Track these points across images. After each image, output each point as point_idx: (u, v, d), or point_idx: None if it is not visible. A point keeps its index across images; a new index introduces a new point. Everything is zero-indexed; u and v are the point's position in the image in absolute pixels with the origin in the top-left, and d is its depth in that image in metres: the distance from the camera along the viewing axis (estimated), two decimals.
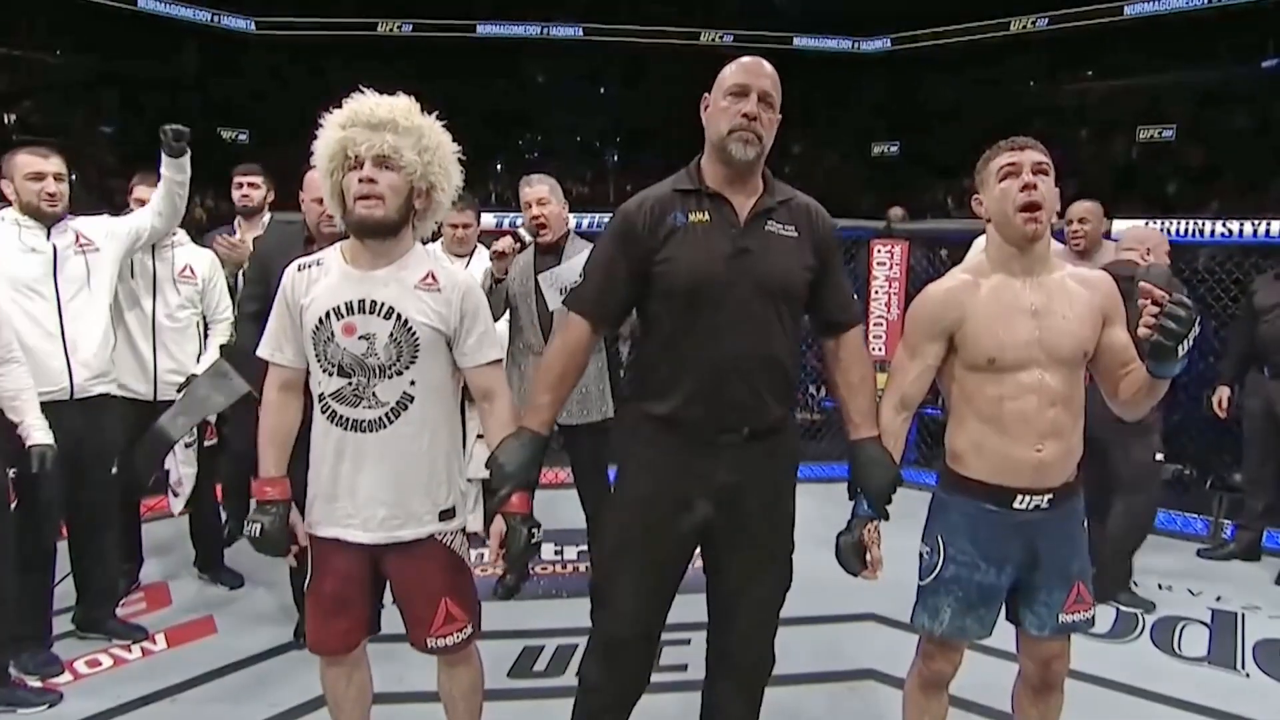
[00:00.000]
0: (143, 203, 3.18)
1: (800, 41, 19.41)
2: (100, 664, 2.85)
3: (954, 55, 19.05)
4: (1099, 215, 3.74)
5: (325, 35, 15.43)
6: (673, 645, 2.69)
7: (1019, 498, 1.81)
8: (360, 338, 1.77)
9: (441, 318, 1.81)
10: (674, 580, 1.93)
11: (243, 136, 13.00)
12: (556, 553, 3.84)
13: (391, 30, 16.35)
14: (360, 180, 1.73)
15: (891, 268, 5.05)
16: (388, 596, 1.96)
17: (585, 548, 3.64)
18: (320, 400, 1.81)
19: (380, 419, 1.79)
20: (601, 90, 18.88)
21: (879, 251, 5.08)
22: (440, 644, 1.89)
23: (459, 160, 1.86)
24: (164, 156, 2.88)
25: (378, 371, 1.78)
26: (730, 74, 1.84)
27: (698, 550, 1.96)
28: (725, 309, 1.79)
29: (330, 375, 1.79)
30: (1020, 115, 16.44)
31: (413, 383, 1.79)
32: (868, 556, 1.89)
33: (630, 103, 17.49)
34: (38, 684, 2.67)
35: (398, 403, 1.79)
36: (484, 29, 16.45)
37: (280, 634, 2.99)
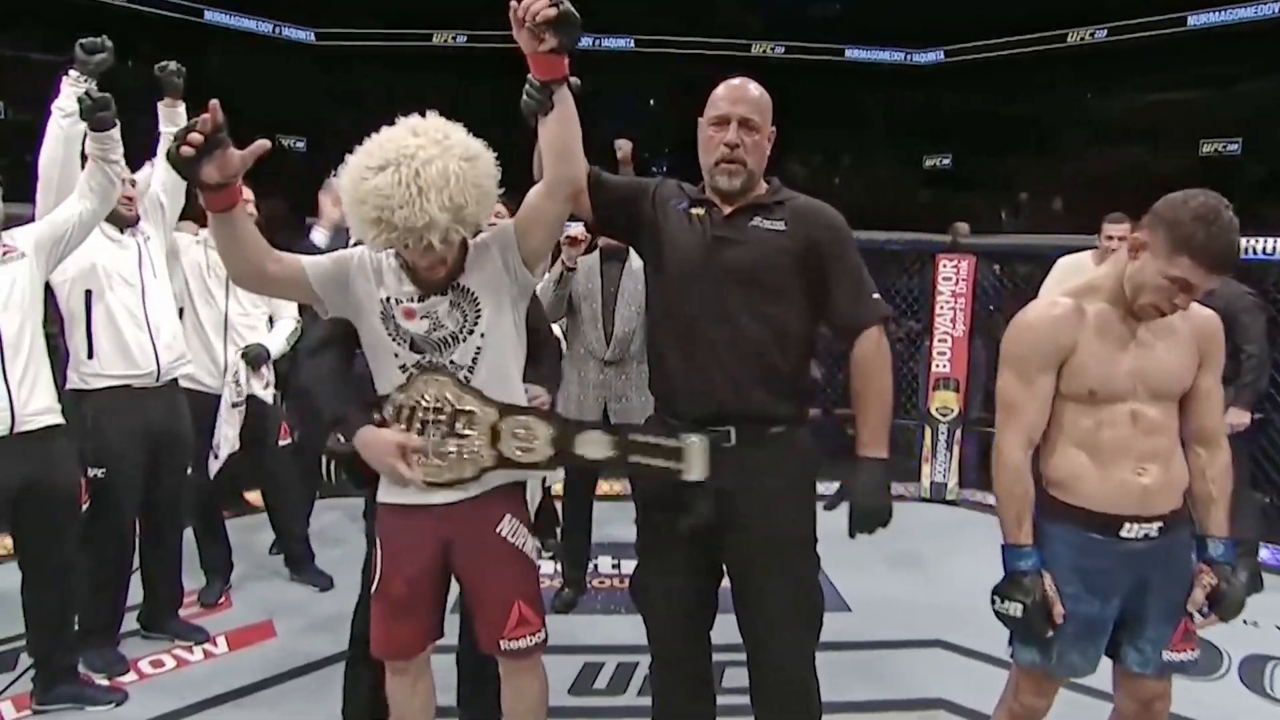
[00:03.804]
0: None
1: (852, 53, 19.22)
2: (164, 665, 2.87)
3: (1009, 67, 18.71)
4: (1132, 232, 3.67)
5: (381, 45, 15.68)
6: (737, 666, 2.60)
7: (1126, 525, 1.71)
8: (422, 318, 1.76)
9: (492, 266, 1.79)
10: (699, 588, 1.93)
11: (300, 144, 13.33)
12: (614, 566, 3.78)
13: (446, 40, 16.58)
14: (413, 259, 1.71)
15: (958, 283, 4.92)
16: None
17: None
18: (402, 369, 1.77)
19: (462, 380, 1.77)
20: (651, 101, 18.90)
21: (944, 266, 4.96)
22: (514, 646, 1.84)
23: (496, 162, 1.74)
24: (88, 130, 2.46)
25: (450, 341, 1.76)
26: (713, 102, 1.85)
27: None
28: (703, 299, 1.81)
29: (404, 347, 1.77)
30: (1077, 128, 16.06)
31: (483, 336, 1.77)
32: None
33: (679, 114, 17.47)
34: (105, 682, 2.70)
35: (473, 360, 1.77)
36: None
37: (340, 640, 2.96)
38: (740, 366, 1.80)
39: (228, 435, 3.23)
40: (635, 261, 3.14)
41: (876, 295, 1.89)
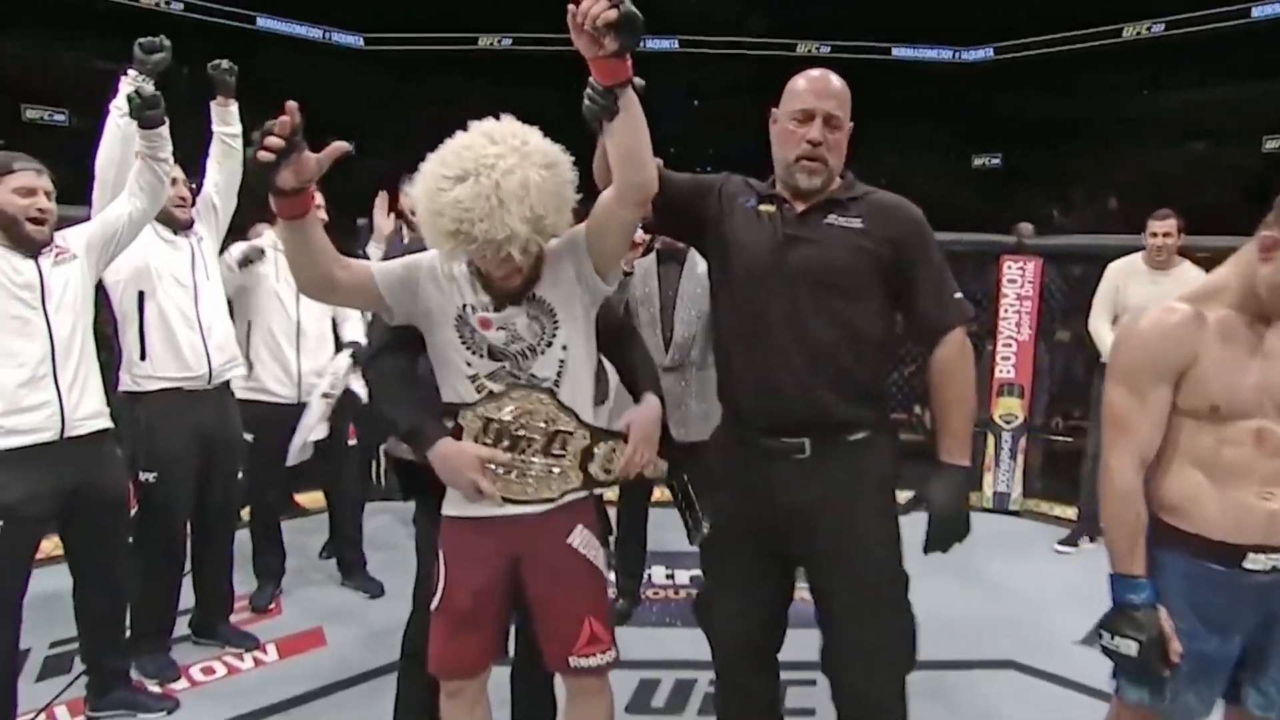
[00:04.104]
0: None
1: (899, 52, 18.93)
2: (215, 672, 2.84)
3: (1062, 64, 18.24)
4: (1178, 230, 3.81)
5: (428, 50, 15.87)
6: (797, 686, 2.49)
7: (1251, 556, 1.54)
8: (499, 329, 1.68)
9: (566, 276, 1.71)
10: (768, 608, 1.85)
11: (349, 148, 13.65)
12: (668, 576, 3.68)
13: (492, 44, 16.74)
14: (488, 269, 1.64)
15: (1023, 285, 4.73)
16: None
17: (699, 572, 3.47)
18: (473, 380, 1.69)
19: (560, 399, 1.70)
20: (696, 102, 18.79)
21: (1009, 268, 4.77)
22: (584, 664, 1.76)
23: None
24: (138, 128, 2.42)
25: (528, 353, 1.69)
26: (794, 94, 1.75)
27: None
28: (772, 302, 1.72)
29: (480, 357, 1.69)
30: (1132, 125, 15.59)
31: (564, 348, 1.70)
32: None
33: (726, 114, 17.38)
34: (157, 689, 2.68)
35: (557, 374, 1.70)
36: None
37: (391, 650, 2.91)
38: (812, 372, 1.71)
39: (318, 426, 3.19)
40: (695, 263, 3.04)
41: (959, 295, 1.79)
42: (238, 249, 3.14)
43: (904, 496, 1.83)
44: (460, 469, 1.68)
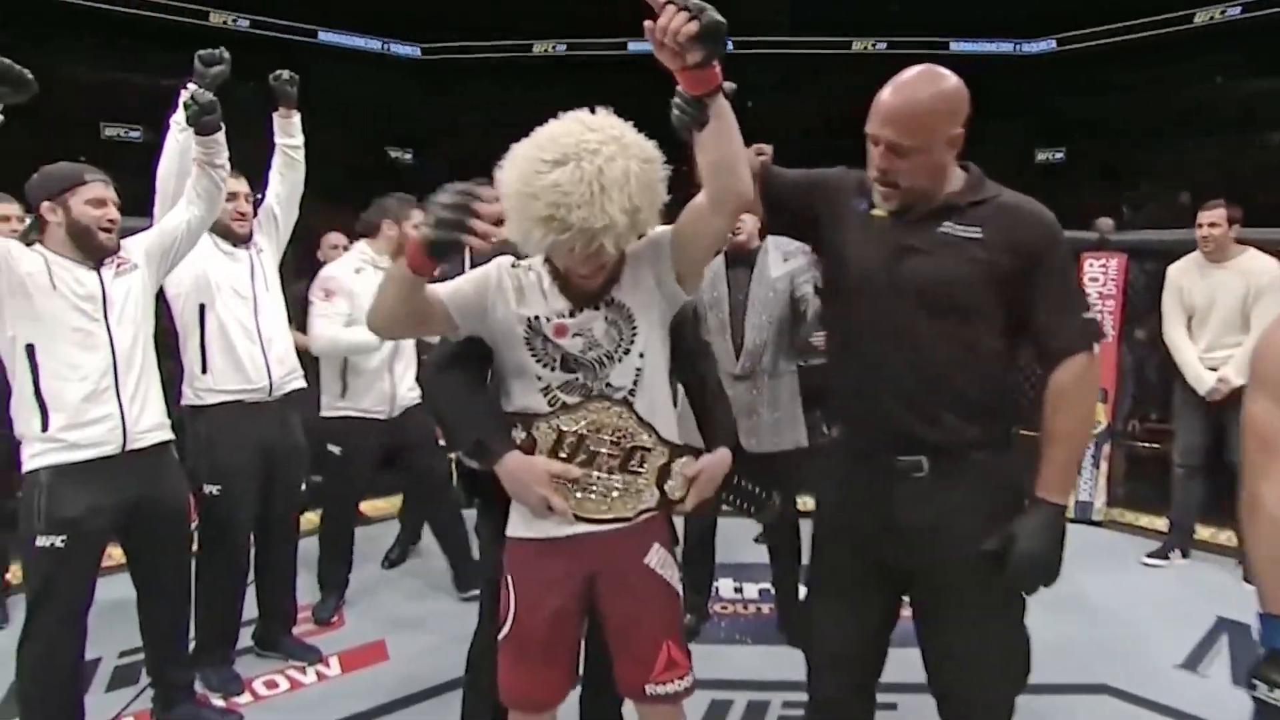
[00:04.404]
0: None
1: (957, 46, 18.47)
2: (278, 686, 2.81)
3: (1128, 53, 17.58)
4: (1226, 219, 3.74)
5: (483, 58, 16.01)
6: (884, 710, 2.34)
7: None
8: (575, 335, 1.59)
9: (646, 280, 1.61)
10: (874, 633, 1.74)
11: (407, 156, 13.88)
12: (736, 590, 3.54)
13: (546, 50, 16.79)
14: (572, 267, 1.55)
15: (1106, 284, 4.49)
16: None
17: (768, 586, 3.35)
18: (545, 392, 1.60)
19: (624, 400, 1.60)
20: (749, 103, 18.63)
21: (1091, 266, 4.53)
22: (662, 691, 1.66)
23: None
24: (194, 134, 2.40)
25: (605, 361, 1.59)
26: (872, 109, 1.59)
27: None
28: (880, 316, 1.60)
29: (552, 369, 1.60)
30: (1203, 116, 14.92)
31: (641, 355, 1.61)
32: None
33: (781, 113, 17.19)
34: (221, 703, 2.66)
35: (633, 383, 1.60)
36: (634, 46, 16.63)
37: (455, 664, 2.84)
38: (924, 393, 1.59)
39: None
40: (766, 266, 2.92)
41: (1090, 315, 1.62)
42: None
43: None
44: (529, 484, 1.59)
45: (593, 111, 1.49)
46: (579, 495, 1.60)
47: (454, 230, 1.37)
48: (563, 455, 1.60)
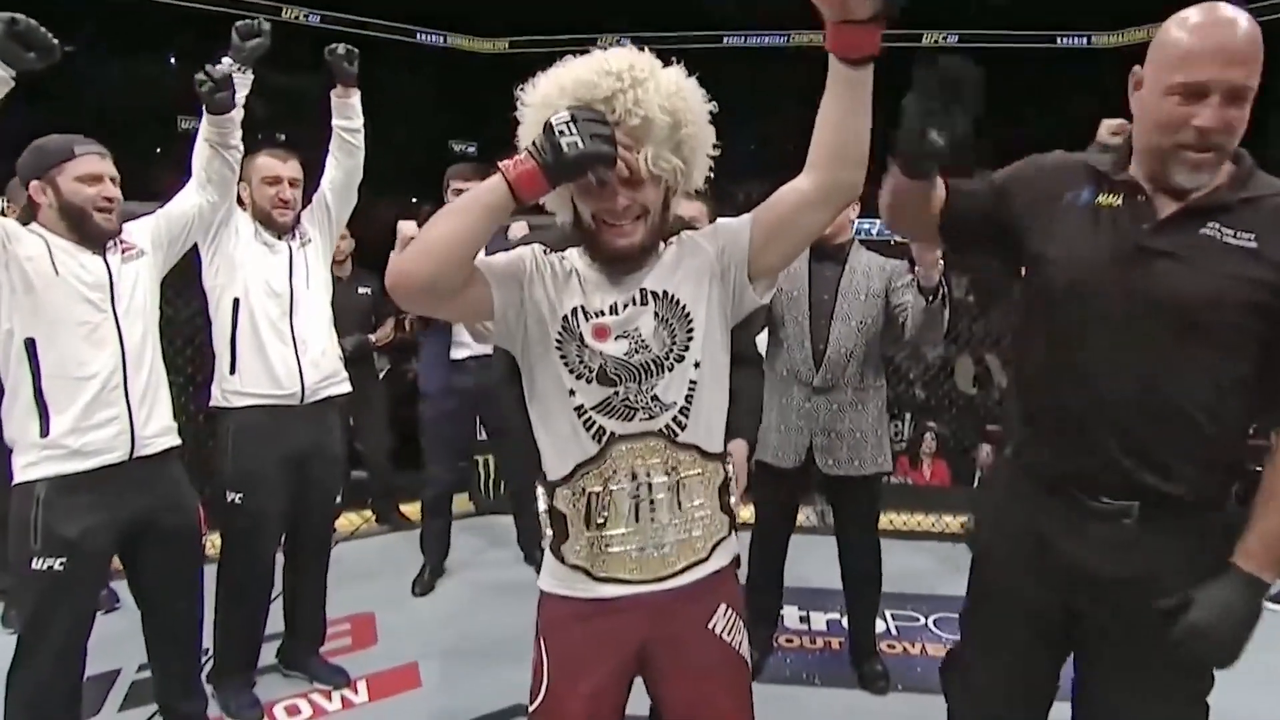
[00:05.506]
0: None
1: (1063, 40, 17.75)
2: (300, 712, 2.58)
3: None
4: None
5: (545, 52, 16.02)
6: None
7: None
8: (618, 338, 1.29)
9: (707, 274, 1.32)
10: (1039, 686, 1.50)
11: (471, 148, 14.02)
12: (802, 619, 3.16)
13: (607, 45, 16.73)
14: (604, 206, 1.25)
15: None
16: None
17: (838, 615, 3.01)
18: (579, 412, 1.30)
19: (666, 427, 1.29)
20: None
21: None
22: None
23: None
24: (206, 112, 2.23)
25: (652, 369, 1.29)
26: (1178, 55, 1.25)
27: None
28: (1106, 332, 1.31)
29: (587, 382, 1.29)
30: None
31: (697, 365, 1.30)
32: None
33: None
34: None
35: (686, 399, 1.30)
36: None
37: (493, 697, 2.58)
38: (1155, 435, 1.30)
39: None
40: (857, 264, 2.55)
41: None
42: None
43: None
44: None
45: None
46: (639, 557, 1.31)
47: (605, 144, 1.16)
48: (600, 522, 1.30)
